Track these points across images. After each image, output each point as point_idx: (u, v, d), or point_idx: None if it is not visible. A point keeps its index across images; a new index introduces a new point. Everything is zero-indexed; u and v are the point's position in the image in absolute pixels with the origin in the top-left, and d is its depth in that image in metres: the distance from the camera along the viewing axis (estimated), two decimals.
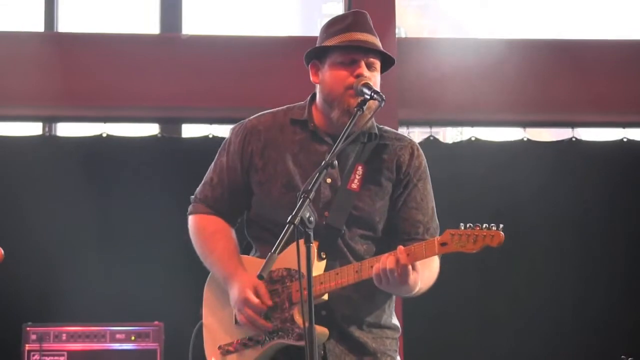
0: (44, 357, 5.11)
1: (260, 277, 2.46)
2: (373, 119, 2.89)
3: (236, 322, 2.96)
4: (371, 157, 2.98)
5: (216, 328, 3.05)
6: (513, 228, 5.98)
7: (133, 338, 5.19)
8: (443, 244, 2.66)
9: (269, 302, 2.88)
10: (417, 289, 2.80)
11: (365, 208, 2.93)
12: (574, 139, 6.44)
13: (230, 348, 2.98)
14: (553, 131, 6.99)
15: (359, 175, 2.93)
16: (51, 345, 5.14)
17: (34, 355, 5.12)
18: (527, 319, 6.17)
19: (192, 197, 3.15)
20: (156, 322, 5.24)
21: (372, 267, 2.75)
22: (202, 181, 3.13)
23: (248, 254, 3.08)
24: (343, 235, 2.91)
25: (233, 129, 3.11)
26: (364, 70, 2.89)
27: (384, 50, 2.95)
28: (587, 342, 6.16)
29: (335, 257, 2.87)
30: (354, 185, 2.92)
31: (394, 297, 3.06)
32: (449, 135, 7.24)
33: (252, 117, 3.10)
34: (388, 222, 2.97)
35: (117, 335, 5.19)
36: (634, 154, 6.40)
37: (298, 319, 2.83)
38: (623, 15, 7.11)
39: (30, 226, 5.88)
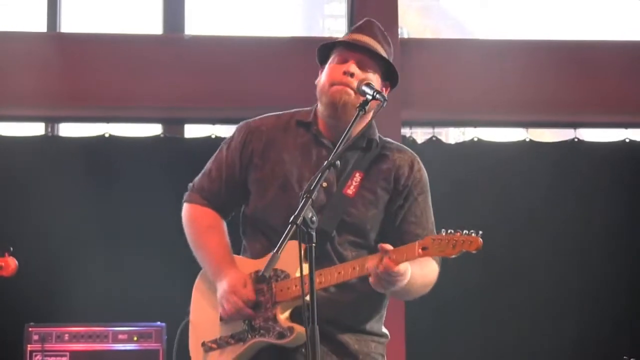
0: (46, 358, 5.10)
1: (262, 276, 2.48)
2: (374, 121, 2.94)
3: (221, 319, 2.99)
4: (370, 166, 2.97)
5: (201, 325, 3.07)
6: (515, 228, 6.14)
7: (135, 338, 5.19)
8: (424, 248, 2.66)
9: (253, 298, 2.88)
10: (414, 288, 2.83)
11: (358, 215, 2.92)
12: (576, 140, 6.43)
13: (213, 345, 3.01)
14: (555, 132, 6.98)
15: (355, 182, 2.93)
16: (53, 345, 5.13)
17: (36, 356, 5.11)
18: (528, 318, 6.16)
19: (190, 184, 3.19)
20: (159, 323, 5.24)
21: (354, 268, 2.76)
22: (202, 170, 3.17)
23: (239, 254, 3.09)
24: (332, 239, 2.90)
25: (238, 126, 3.14)
26: (350, 67, 2.90)
27: (375, 49, 2.93)
28: (589, 342, 6.15)
29: (322, 261, 2.81)
30: (350, 191, 2.92)
31: (383, 306, 3.04)
32: (452, 135, 7.24)
33: (257, 117, 3.12)
34: (384, 234, 2.94)
35: (120, 336, 5.18)
36: (636, 154, 6.39)
37: (280, 318, 2.86)
38: (626, 16, 7.10)
39: (33, 226, 5.88)
